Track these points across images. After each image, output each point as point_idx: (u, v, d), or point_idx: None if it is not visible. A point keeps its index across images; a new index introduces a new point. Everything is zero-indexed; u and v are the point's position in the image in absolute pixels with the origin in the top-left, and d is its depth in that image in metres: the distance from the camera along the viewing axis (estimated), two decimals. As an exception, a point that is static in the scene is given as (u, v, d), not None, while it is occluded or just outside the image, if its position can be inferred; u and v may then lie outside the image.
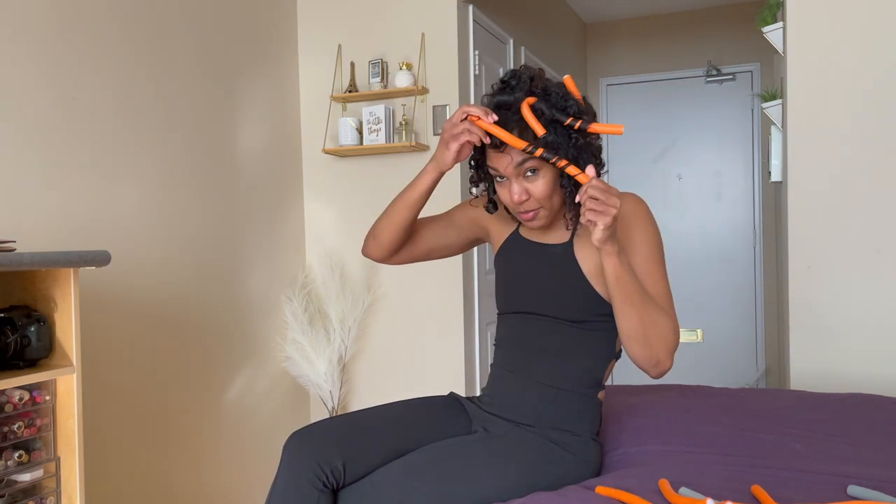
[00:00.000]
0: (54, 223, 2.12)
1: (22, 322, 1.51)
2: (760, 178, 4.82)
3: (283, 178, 3.20)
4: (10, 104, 2.00)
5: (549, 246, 1.50)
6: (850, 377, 2.41)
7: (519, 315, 1.52)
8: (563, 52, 4.78)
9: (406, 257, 1.63)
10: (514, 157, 1.37)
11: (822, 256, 2.46)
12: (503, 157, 1.38)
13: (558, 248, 1.48)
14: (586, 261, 1.44)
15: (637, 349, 1.34)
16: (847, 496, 1.21)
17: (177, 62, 2.60)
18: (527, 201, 1.40)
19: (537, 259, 1.50)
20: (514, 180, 1.39)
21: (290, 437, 1.40)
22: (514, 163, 1.37)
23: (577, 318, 1.45)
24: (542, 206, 1.41)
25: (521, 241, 1.55)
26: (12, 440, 1.49)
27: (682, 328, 5.06)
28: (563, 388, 1.45)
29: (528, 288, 1.50)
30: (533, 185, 1.39)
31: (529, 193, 1.39)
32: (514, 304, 1.54)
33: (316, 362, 3.06)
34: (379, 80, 3.11)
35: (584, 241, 1.45)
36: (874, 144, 2.41)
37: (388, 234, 1.56)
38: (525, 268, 1.52)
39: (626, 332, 1.34)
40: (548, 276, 1.48)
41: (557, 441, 1.42)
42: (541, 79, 1.39)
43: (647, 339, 1.32)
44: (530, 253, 1.52)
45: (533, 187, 1.39)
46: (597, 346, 1.47)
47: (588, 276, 1.43)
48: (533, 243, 1.53)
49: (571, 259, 1.45)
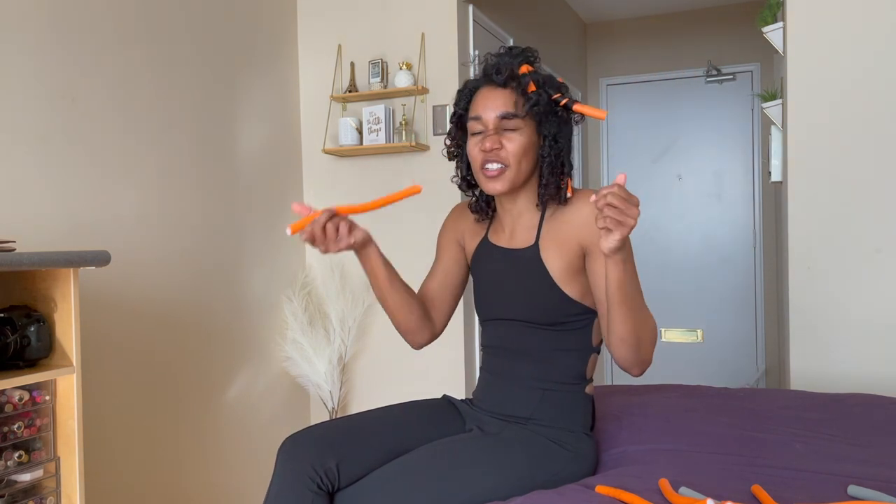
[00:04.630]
0: (54, 223, 2.12)
1: (22, 322, 1.51)
2: (760, 178, 4.82)
3: (283, 178, 3.20)
4: (9, 104, 2.00)
5: (517, 251, 1.50)
6: (850, 377, 2.41)
7: (495, 321, 1.54)
8: (563, 52, 4.78)
9: (443, 320, 1.66)
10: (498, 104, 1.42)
11: (822, 256, 2.46)
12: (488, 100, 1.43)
13: (525, 252, 1.48)
14: (553, 263, 1.44)
15: (626, 352, 1.32)
16: (847, 496, 1.21)
17: (177, 62, 2.60)
18: (497, 151, 1.42)
19: (506, 265, 1.51)
20: (493, 130, 1.42)
21: (283, 442, 1.41)
22: (497, 110, 1.42)
23: (550, 320, 1.45)
24: (508, 165, 1.42)
25: (491, 247, 1.56)
26: (12, 440, 1.49)
27: (682, 328, 5.07)
28: (548, 387, 1.47)
29: (500, 295, 1.51)
30: (509, 141, 1.42)
31: (502, 146, 1.42)
32: (490, 312, 1.55)
33: (316, 362, 3.06)
34: (379, 80, 3.11)
35: (550, 243, 1.45)
36: (874, 144, 2.41)
37: (402, 323, 1.59)
38: (495, 275, 1.53)
39: (619, 335, 1.31)
40: (517, 282, 1.48)
41: (551, 437, 1.43)
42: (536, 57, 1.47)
43: (640, 342, 1.31)
44: (499, 260, 1.53)
45: (508, 143, 1.42)
46: (575, 344, 1.47)
47: (556, 278, 1.43)
48: (501, 249, 1.53)
49: (538, 263, 1.45)
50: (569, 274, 1.43)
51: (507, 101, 1.42)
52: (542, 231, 1.47)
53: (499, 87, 1.44)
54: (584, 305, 1.45)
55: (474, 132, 1.46)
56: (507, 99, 1.43)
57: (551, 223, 1.47)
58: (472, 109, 1.47)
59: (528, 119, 1.43)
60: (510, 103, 1.42)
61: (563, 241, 1.44)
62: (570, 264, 1.43)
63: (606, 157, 5.27)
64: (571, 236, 1.42)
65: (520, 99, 1.43)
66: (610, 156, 5.26)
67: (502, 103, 1.42)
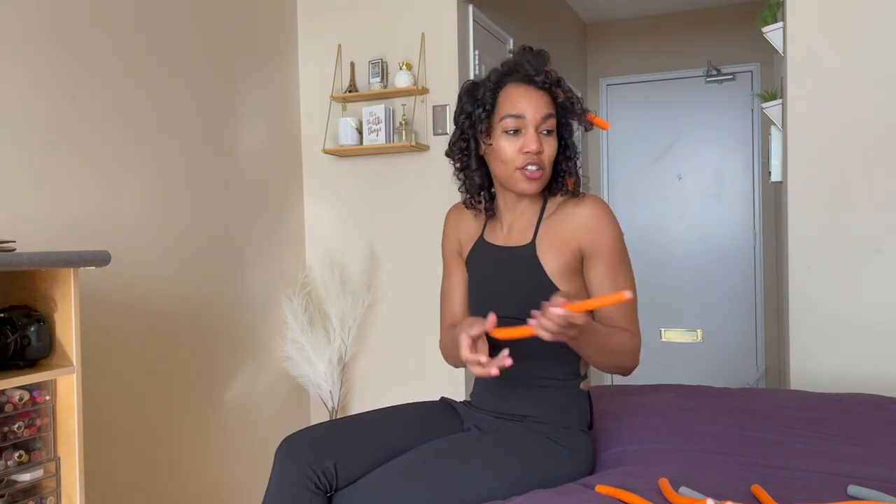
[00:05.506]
0: (54, 223, 2.12)
1: (22, 322, 1.51)
2: (760, 178, 4.82)
3: (283, 178, 3.20)
4: (9, 104, 2.00)
5: (513, 248, 1.50)
6: (850, 377, 2.41)
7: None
8: (563, 52, 4.78)
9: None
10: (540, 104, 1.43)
11: (822, 256, 2.46)
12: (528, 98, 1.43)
13: (522, 250, 1.48)
14: (549, 261, 1.44)
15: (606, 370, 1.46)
16: (847, 496, 1.21)
17: (177, 62, 2.60)
18: (541, 154, 1.43)
19: (502, 263, 1.51)
20: (534, 132, 1.42)
21: (281, 442, 1.42)
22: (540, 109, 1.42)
23: None
24: (545, 167, 1.44)
25: (487, 246, 1.56)
26: (12, 440, 1.49)
27: (682, 328, 5.07)
28: (543, 384, 1.47)
29: (496, 293, 1.52)
30: (547, 145, 1.44)
31: (544, 150, 1.43)
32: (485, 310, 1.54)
33: (316, 362, 3.06)
34: (379, 80, 3.11)
35: (547, 241, 1.46)
36: (874, 144, 2.41)
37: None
38: (491, 273, 1.53)
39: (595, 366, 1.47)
40: (513, 280, 1.49)
41: (548, 435, 1.44)
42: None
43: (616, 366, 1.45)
44: (495, 258, 1.53)
45: (546, 146, 1.44)
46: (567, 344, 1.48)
47: (552, 276, 1.44)
48: (497, 247, 1.53)
49: (535, 261, 1.45)
50: (565, 273, 1.44)
51: (547, 102, 1.44)
52: (539, 229, 1.47)
53: (539, 89, 1.45)
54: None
55: (508, 130, 1.44)
56: (547, 101, 1.44)
57: (550, 222, 1.47)
58: (508, 107, 1.44)
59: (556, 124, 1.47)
60: (549, 105, 1.44)
61: (561, 241, 1.44)
62: (567, 264, 1.44)
63: (606, 157, 5.27)
64: (571, 238, 1.43)
65: (552, 102, 1.45)
66: (610, 156, 5.26)
67: (545, 105, 1.44)
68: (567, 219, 1.45)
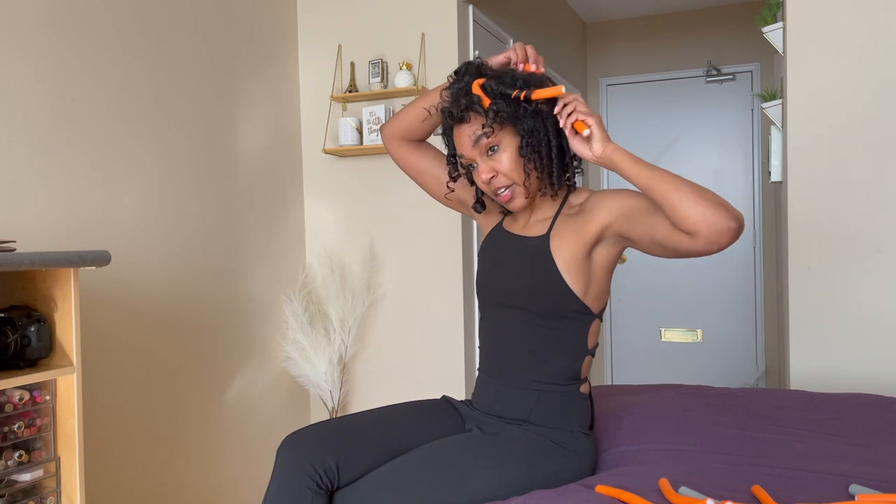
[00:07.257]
0: (54, 223, 2.12)
1: (22, 322, 1.51)
2: (760, 178, 4.82)
3: (283, 178, 3.20)
4: (9, 104, 2.00)
5: (527, 238, 1.51)
6: (850, 377, 2.41)
7: (494, 308, 1.54)
8: (563, 52, 4.78)
9: (404, 155, 1.71)
10: (469, 135, 1.44)
11: (822, 256, 2.46)
12: (461, 138, 1.46)
13: (535, 240, 1.49)
14: (561, 254, 1.44)
15: (704, 211, 1.22)
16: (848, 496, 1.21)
17: (176, 62, 2.60)
18: (495, 178, 1.45)
19: (514, 251, 1.52)
20: (480, 161, 1.45)
21: (283, 440, 1.42)
22: (471, 140, 1.44)
23: (548, 311, 1.45)
24: (513, 181, 1.45)
25: (503, 233, 1.58)
26: (12, 440, 1.49)
27: (682, 328, 5.07)
28: (543, 388, 1.47)
29: (502, 279, 1.52)
30: (497, 162, 1.44)
31: (496, 170, 1.44)
32: (489, 295, 1.56)
33: (316, 362, 3.06)
34: (379, 80, 3.11)
35: (562, 234, 1.46)
36: (874, 144, 2.41)
37: (404, 121, 1.68)
38: (501, 259, 1.54)
39: (689, 207, 1.23)
40: (521, 268, 1.49)
41: (549, 437, 1.43)
42: (488, 66, 1.48)
43: (711, 201, 1.23)
44: (508, 244, 1.54)
45: (497, 164, 1.44)
46: (569, 344, 1.48)
47: (561, 269, 1.44)
48: (512, 235, 1.55)
49: (546, 251, 1.46)
50: (574, 265, 1.43)
51: (474, 128, 1.44)
52: (556, 223, 1.48)
53: (461, 122, 1.45)
54: (584, 304, 1.45)
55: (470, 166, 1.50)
56: (474, 127, 1.44)
57: (567, 218, 1.48)
58: (457, 148, 1.50)
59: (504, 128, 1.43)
60: (478, 127, 1.43)
61: (576, 230, 1.44)
62: (575, 255, 1.43)
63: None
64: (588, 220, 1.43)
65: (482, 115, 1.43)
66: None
67: (473, 131, 1.44)
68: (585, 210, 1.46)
